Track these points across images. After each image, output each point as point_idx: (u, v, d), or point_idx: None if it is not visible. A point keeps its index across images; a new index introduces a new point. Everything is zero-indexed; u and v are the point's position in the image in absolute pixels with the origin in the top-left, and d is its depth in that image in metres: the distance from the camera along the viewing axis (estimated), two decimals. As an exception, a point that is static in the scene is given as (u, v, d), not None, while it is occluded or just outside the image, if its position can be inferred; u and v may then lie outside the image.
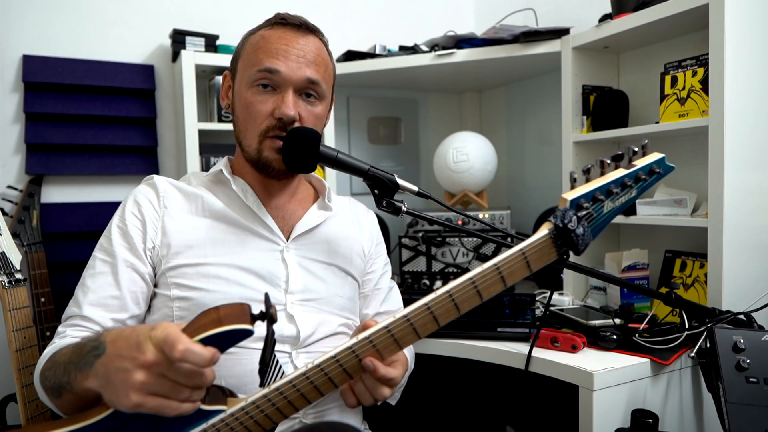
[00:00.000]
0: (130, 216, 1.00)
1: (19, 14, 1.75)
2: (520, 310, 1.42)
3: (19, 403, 1.25)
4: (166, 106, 1.97)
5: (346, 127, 2.32)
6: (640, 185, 0.83)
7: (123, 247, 0.97)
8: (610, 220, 0.82)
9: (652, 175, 0.84)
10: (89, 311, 0.93)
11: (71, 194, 1.84)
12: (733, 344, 0.96)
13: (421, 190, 1.00)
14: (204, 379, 0.67)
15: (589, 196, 0.79)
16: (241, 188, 1.05)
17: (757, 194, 1.35)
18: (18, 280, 1.30)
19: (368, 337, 0.78)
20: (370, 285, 1.18)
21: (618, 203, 0.81)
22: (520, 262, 0.78)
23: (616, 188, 0.81)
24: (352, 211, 1.20)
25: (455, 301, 0.77)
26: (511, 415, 1.88)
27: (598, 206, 0.80)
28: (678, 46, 1.61)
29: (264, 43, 1.01)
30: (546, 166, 2.18)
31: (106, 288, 0.95)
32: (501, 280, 0.77)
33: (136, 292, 0.97)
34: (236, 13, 2.05)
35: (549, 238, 0.78)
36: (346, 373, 0.79)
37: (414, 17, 2.38)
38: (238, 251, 1.00)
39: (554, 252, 0.79)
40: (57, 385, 0.79)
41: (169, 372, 0.64)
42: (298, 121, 0.99)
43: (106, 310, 0.94)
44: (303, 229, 1.07)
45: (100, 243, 1.00)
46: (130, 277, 0.96)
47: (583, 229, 0.77)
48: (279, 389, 0.76)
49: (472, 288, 0.76)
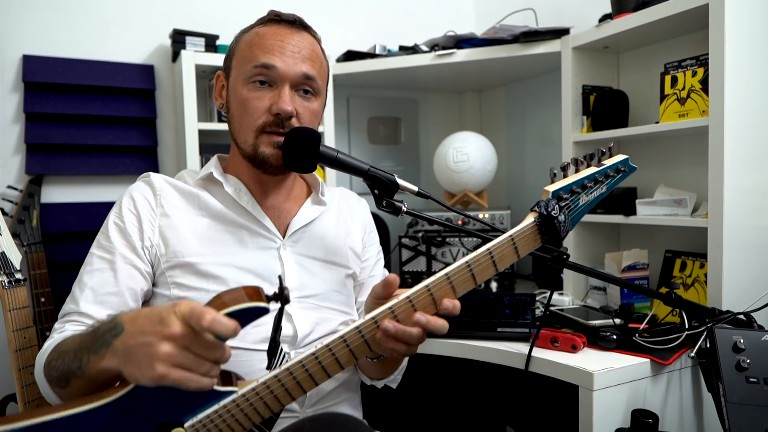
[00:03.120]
0: (127, 213, 1.00)
1: (19, 14, 1.75)
2: (520, 310, 1.42)
3: (19, 403, 1.25)
4: (166, 106, 1.97)
5: (346, 127, 2.32)
6: (609, 182, 0.94)
7: (121, 244, 0.97)
8: (585, 212, 0.92)
9: (619, 173, 0.96)
10: (87, 308, 0.93)
11: (71, 194, 1.84)
12: (733, 344, 0.96)
13: (421, 190, 1.00)
14: (224, 353, 0.68)
15: (568, 189, 0.89)
16: (234, 188, 1.05)
17: (756, 194, 1.35)
18: (18, 280, 1.30)
19: (391, 307, 0.79)
20: (365, 273, 1.18)
21: (591, 197, 0.92)
22: (509, 247, 0.84)
23: (590, 183, 0.91)
24: (345, 200, 1.20)
25: (452, 283, 0.81)
26: (511, 415, 1.88)
27: (575, 198, 0.90)
28: (678, 46, 1.61)
29: (259, 39, 1.00)
30: (546, 166, 2.16)
31: (104, 285, 0.95)
32: (493, 265, 0.82)
33: (134, 289, 0.97)
34: (236, 13, 2.05)
35: (534, 225, 0.85)
36: (352, 354, 0.79)
37: (414, 17, 2.38)
38: (236, 251, 1.00)
39: (539, 239, 0.86)
40: (66, 373, 0.79)
41: (193, 344, 0.66)
42: (294, 117, 0.99)
43: (104, 306, 0.93)
44: (298, 225, 1.07)
45: (97, 240, 1.00)
46: (128, 273, 0.96)
47: (564, 217, 0.86)
48: (289, 369, 0.76)
49: (468, 272, 0.81)
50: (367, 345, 0.79)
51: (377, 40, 2.12)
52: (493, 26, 1.79)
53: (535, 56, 1.80)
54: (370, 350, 0.79)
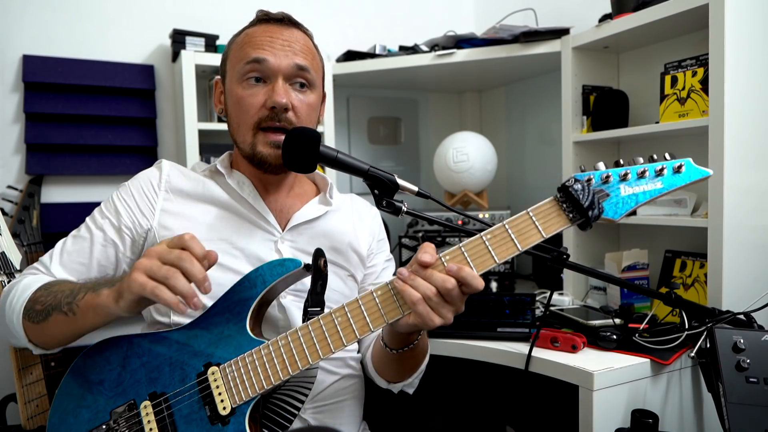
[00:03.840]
0: (127, 194, 1.03)
1: (19, 14, 1.75)
2: (520, 310, 1.42)
3: (19, 403, 1.25)
4: (166, 106, 1.97)
5: (346, 127, 2.32)
6: (663, 179, 0.85)
7: (108, 222, 1.01)
8: (634, 203, 0.84)
9: (676, 171, 0.85)
10: (56, 270, 0.99)
11: (71, 194, 1.84)
12: (733, 344, 0.96)
13: (421, 190, 1.00)
14: (192, 264, 0.77)
15: (599, 175, 0.83)
16: (237, 181, 1.06)
17: (756, 194, 1.35)
18: (18, 280, 1.30)
19: None
20: (370, 279, 1.18)
21: (638, 189, 0.84)
22: (528, 223, 0.80)
23: (632, 175, 0.84)
24: (355, 207, 1.20)
25: (466, 256, 0.80)
26: (511, 415, 1.88)
27: (611, 186, 0.83)
28: (678, 46, 1.61)
29: (249, 38, 1.02)
30: (546, 166, 2.18)
31: (79, 253, 1.00)
32: (512, 241, 0.80)
33: (105, 266, 1.01)
34: (236, 13, 2.05)
35: (553, 199, 0.81)
36: (381, 313, 0.82)
37: (414, 17, 2.38)
38: (232, 238, 1.01)
39: (562, 214, 0.81)
40: (51, 306, 0.88)
41: (163, 256, 0.78)
42: (291, 110, 0.99)
43: (70, 273, 0.99)
44: (299, 220, 1.07)
45: (97, 209, 1.05)
46: (104, 251, 1.00)
47: (584, 188, 0.80)
48: (320, 320, 0.84)
49: (484, 246, 0.80)
50: (397, 304, 0.81)
51: (377, 40, 2.12)
52: (493, 26, 1.79)
53: (535, 56, 1.80)
54: (400, 311, 0.81)
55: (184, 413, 0.85)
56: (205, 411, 0.84)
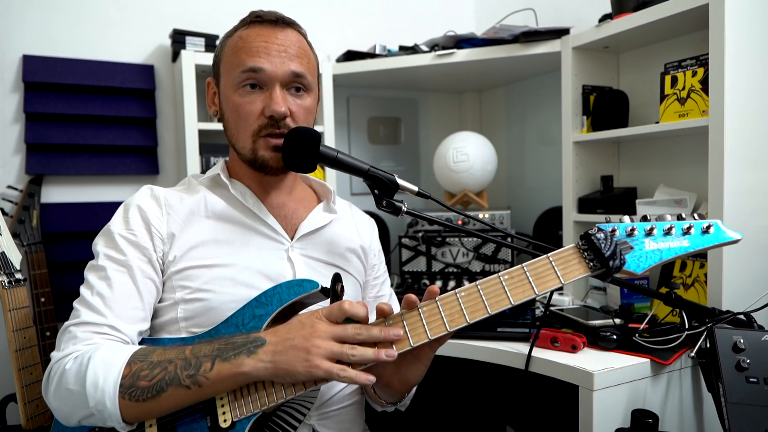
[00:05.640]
0: (136, 225, 0.96)
1: (19, 14, 1.75)
2: (520, 310, 1.42)
3: (19, 403, 1.25)
4: (166, 106, 1.97)
5: (346, 127, 2.32)
6: (691, 237, 0.83)
7: (136, 257, 0.94)
8: (658, 259, 0.82)
9: (705, 232, 0.84)
10: (117, 323, 0.89)
11: (71, 194, 1.84)
12: (733, 344, 0.96)
13: (421, 190, 1.00)
14: (371, 333, 0.80)
15: (623, 227, 0.83)
16: (240, 192, 1.04)
17: (756, 194, 1.35)
18: (18, 280, 1.30)
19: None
20: (373, 291, 1.20)
21: (663, 245, 0.82)
22: (548, 267, 0.81)
23: (658, 230, 0.83)
24: (354, 217, 1.20)
25: (483, 295, 0.82)
26: (511, 415, 1.88)
27: (636, 239, 0.82)
28: (678, 46, 1.61)
29: (243, 43, 1.00)
30: (546, 166, 2.18)
31: (129, 300, 0.92)
32: (529, 284, 0.81)
33: (152, 303, 0.96)
34: (236, 13, 2.03)
35: (574, 247, 0.82)
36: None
37: (414, 17, 2.38)
38: (243, 251, 1.00)
39: (583, 261, 0.81)
40: (166, 381, 0.80)
41: (340, 335, 0.79)
42: (289, 117, 0.99)
43: (131, 322, 0.91)
44: (308, 229, 1.06)
45: (106, 254, 0.94)
46: (147, 288, 0.94)
47: (605, 236, 0.80)
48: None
49: (501, 287, 0.82)
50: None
51: (377, 40, 2.12)
52: (493, 26, 1.79)
53: (535, 56, 1.80)
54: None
55: (186, 421, 0.84)
56: (206, 421, 0.83)
